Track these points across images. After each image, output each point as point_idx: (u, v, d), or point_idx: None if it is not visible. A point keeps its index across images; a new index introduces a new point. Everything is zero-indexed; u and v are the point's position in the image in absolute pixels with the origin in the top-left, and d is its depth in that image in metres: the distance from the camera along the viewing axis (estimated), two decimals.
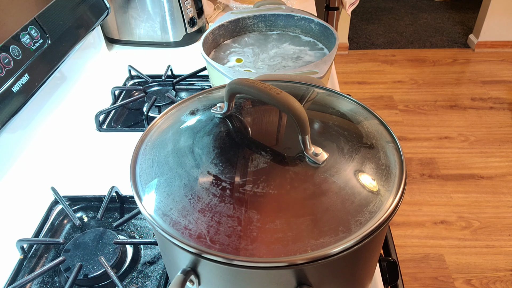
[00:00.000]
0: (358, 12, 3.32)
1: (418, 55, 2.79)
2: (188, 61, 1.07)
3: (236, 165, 0.40)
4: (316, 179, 0.38)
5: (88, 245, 0.60)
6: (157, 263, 0.60)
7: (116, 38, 1.16)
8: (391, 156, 0.42)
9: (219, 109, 0.47)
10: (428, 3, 3.44)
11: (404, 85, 2.53)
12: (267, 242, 0.34)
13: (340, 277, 0.40)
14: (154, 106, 0.91)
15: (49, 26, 0.79)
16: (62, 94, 0.91)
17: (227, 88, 0.44)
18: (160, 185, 0.40)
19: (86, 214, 0.68)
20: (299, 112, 0.39)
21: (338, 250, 0.34)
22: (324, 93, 0.52)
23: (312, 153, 0.40)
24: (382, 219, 0.36)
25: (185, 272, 0.38)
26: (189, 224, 0.36)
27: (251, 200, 0.37)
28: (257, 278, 0.37)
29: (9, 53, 0.67)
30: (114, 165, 0.77)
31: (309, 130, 0.39)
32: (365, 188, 0.38)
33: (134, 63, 1.04)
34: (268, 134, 0.44)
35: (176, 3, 1.06)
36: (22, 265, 0.61)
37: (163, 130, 0.47)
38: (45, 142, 0.81)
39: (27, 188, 0.72)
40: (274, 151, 0.41)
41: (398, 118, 2.29)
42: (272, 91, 0.39)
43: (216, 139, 0.43)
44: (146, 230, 0.66)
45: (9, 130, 0.72)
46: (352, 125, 0.46)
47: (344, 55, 2.84)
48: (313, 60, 0.82)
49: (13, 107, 0.67)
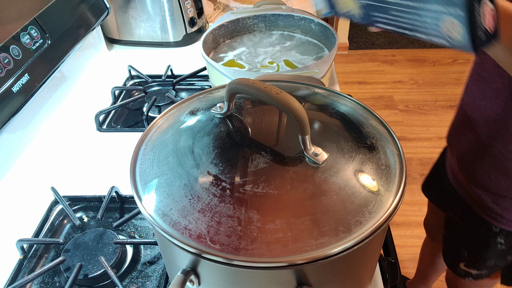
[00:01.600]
0: None
1: (418, 55, 2.79)
2: (188, 61, 1.07)
3: (236, 165, 0.40)
4: (316, 179, 0.38)
5: (88, 245, 0.60)
6: (157, 263, 0.60)
7: (116, 38, 1.16)
8: (391, 156, 0.42)
9: (219, 109, 0.47)
10: None
11: (404, 85, 2.53)
12: (267, 242, 0.34)
13: (340, 277, 0.40)
14: (154, 106, 0.91)
15: (49, 26, 0.78)
16: (62, 94, 0.91)
17: (227, 88, 0.44)
18: (160, 185, 0.40)
19: (86, 214, 0.68)
20: (299, 112, 0.39)
21: (338, 250, 0.34)
22: (324, 93, 0.52)
23: (312, 153, 0.40)
24: (382, 219, 0.36)
25: (185, 272, 0.38)
26: (189, 224, 0.36)
27: (251, 200, 0.37)
28: (257, 278, 0.37)
29: (9, 53, 0.67)
30: (114, 165, 0.77)
31: (309, 130, 0.39)
32: (365, 188, 0.38)
33: (134, 63, 1.04)
34: (268, 134, 0.44)
35: (176, 3, 1.06)
36: (22, 265, 0.61)
37: (163, 130, 0.47)
38: (45, 142, 0.81)
39: (27, 188, 0.72)
40: (274, 151, 0.41)
41: (398, 118, 2.29)
42: (272, 91, 0.39)
43: (216, 139, 0.43)
44: (146, 230, 0.66)
45: (9, 130, 0.72)
46: (352, 125, 0.46)
47: (344, 55, 2.84)
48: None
49: (13, 107, 0.67)
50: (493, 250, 0.83)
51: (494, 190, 0.75)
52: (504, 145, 0.69)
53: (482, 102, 0.71)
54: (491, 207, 0.77)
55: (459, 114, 0.81)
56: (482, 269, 0.90)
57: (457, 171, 0.84)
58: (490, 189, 0.75)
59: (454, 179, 0.86)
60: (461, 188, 0.84)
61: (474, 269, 0.91)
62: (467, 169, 0.80)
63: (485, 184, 0.76)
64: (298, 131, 0.40)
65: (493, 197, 0.75)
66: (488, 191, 0.76)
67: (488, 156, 0.73)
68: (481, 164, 0.75)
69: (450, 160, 0.88)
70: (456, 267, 0.94)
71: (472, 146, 0.76)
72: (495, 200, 0.75)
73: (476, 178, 0.77)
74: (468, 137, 0.77)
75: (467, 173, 0.80)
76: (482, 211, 0.79)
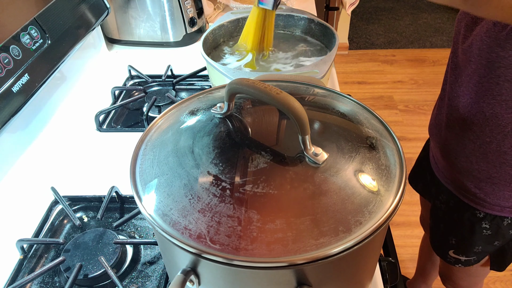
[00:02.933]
0: (358, 12, 3.31)
1: (418, 55, 2.79)
2: (188, 61, 1.07)
3: (236, 165, 0.40)
4: (316, 179, 0.38)
5: (88, 245, 0.60)
6: (157, 263, 0.60)
7: (116, 38, 1.16)
8: (391, 156, 0.42)
9: (219, 109, 0.47)
10: (428, 3, 3.44)
11: (404, 85, 2.53)
12: (267, 242, 0.34)
13: (340, 277, 0.40)
14: (154, 106, 0.91)
15: (49, 26, 0.78)
16: (62, 94, 0.91)
17: (227, 88, 0.44)
18: (160, 185, 0.40)
19: (86, 214, 0.68)
20: (299, 112, 0.39)
21: (338, 250, 0.34)
22: (324, 93, 0.52)
23: (312, 153, 0.40)
24: (382, 219, 0.36)
25: (185, 272, 0.38)
26: (189, 224, 0.36)
27: (251, 200, 0.37)
28: (257, 278, 0.37)
29: (9, 53, 0.67)
30: (114, 165, 0.77)
31: (309, 130, 0.39)
32: (365, 188, 0.38)
33: (134, 63, 1.04)
34: (268, 134, 0.44)
35: (176, 3, 1.06)
36: (22, 265, 0.61)
37: (163, 130, 0.47)
38: (45, 142, 0.81)
39: (27, 188, 0.72)
40: (274, 151, 0.41)
41: (398, 118, 2.29)
42: (272, 91, 0.39)
43: (216, 139, 0.43)
44: (146, 230, 0.66)
45: (9, 130, 0.72)
46: (352, 125, 0.46)
47: (344, 55, 2.84)
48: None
49: (13, 107, 0.67)
50: (479, 236, 0.84)
51: (476, 175, 0.76)
52: (481, 128, 0.71)
53: (459, 89, 0.73)
54: (474, 192, 0.79)
55: (440, 104, 0.84)
56: (470, 255, 0.91)
57: (440, 159, 0.86)
58: (472, 174, 0.77)
59: (437, 168, 0.88)
60: (444, 177, 0.86)
61: (463, 255, 0.93)
62: (449, 156, 0.82)
63: (467, 170, 0.78)
64: (298, 131, 0.40)
65: (475, 182, 0.77)
66: (470, 176, 0.78)
67: (468, 141, 0.75)
68: (462, 150, 0.77)
69: (433, 150, 0.90)
70: (446, 254, 0.96)
71: (453, 133, 0.78)
72: (477, 185, 0.77)
73: (459, 165, 0.79)
74: (448, 125, 0.79)
75: (450, 160, 0.82)
76: (466, 197, 0.81)
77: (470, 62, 0.69)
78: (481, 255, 0.91)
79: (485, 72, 0.66)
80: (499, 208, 0.78)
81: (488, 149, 0.72)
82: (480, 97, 0.68)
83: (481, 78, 0.67)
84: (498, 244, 0.86)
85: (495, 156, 0.72)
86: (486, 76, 0.66)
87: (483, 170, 0.75)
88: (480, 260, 0.94)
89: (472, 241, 0.87)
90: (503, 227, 0.81)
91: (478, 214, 0.81)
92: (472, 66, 0.68)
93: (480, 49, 0.65)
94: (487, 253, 0.91)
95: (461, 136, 0.76)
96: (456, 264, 0.96)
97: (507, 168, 0.72)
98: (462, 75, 0.72)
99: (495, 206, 0.78)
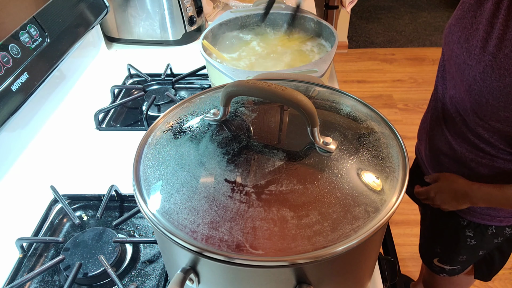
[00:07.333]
0: (357, 11, 3.31)
1: (418, 54, 2.79)
2: (187, 59, 1.07)
3: (251, 168, 0.40)
4: (316, 179, 0.38)
5: (87, 243, 0.60)
6: (157, 262, 0.60)
7: (115, 36, 1.16)
8: (394, 155, 0.42)
9: (213, 116, 0.46)
10: (427, 2, 3.44)
11: (403, 84, 2.53)
12: (267, 241, 0.34)
13: (339, 275, 0.40)
14: (154, 105, 0.91)
15: (48, 24, 0.78)
16: (61, 92, 0.90)
17: (224, 92, 0.43)
18: (161, 184, 0.40)
19: (85, 213, 0.68)
20: (308, 106, 0.39)
21: (338, 250, 0.34)
22: (325, 91, 0.52)
23: (322, 143, 0.41)
24: (386, 218, 0.36)
25: (185, 271, 0.38)
26: (189, 223, 0.36)
27: (251, 199, 0.37)
28: (257, 277, 0.37)
29: (8, 51, 0.67)
30: (114, 163, 0.77)
31: (318, 121, 0.40)
32: (367, 187, 0.38)
33: (134, 61, 1.04)
34: (270, 134, 0.44)
35: (175, 1, 1.06)
36: (22, 263, 0.61)
37: (164, 130, 0.47)
38: (45, 141, 0.81)
39: (26, 187, 0.72)
40: (282, 148, 0.41)
41: (398, 117, 2.29)
42: (277, 88, 0.39)
43: (222, 146, 0.43)
44: (146, 228, 0.66)
45: (9, 129, 0.72)
46: (354, 124, 0.46)
47: (343, 53, 2.84)
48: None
49: (12, 106, 0.67)
50: (463, 244, 0.85)
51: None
52: (465, 123, 0.71)
53: (448, 84, 0.74)
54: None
55: (432, 106, 0.83)
56: (455, 264, 0.92)
57: (428, 163, 0.86)
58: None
59: (427, 171, 0.88)
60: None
61: (447, 264, 0.93)
62: (436, 159, 0.82)
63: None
64: (307, 124, 0.40)
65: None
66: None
67: (453, 142, 0.75)
68: (446, 154, 0.77)
69: (422, 154, 0.90)
70: (431, 263, 0.97)
71: (441, 136, 0.79)
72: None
73: (444, 169, 0.80)
74: (436, 128, 0.80)
75: (436, 164, 0.82)
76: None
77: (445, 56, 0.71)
78: (466, 264, 0.92)
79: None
80: (482, 216, 0.78)
81: (468, 157, 0.72)
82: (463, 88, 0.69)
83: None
84: (482, 253, 0.87)
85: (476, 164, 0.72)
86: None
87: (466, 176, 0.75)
88: (465, 269, 0.94)
89: (456, 250, 0.87)
90: (487, 236, 0.81)
91: (462, 221, 0.82)
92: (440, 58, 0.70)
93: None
94: (471, 262, 0.92)
95: (447, 138, 0.76)
96: (440, 273, 0.96)
97: (486, 178, 0.72)
98: (447, 72, 0.73)
99: (477, 214, 0.79)
